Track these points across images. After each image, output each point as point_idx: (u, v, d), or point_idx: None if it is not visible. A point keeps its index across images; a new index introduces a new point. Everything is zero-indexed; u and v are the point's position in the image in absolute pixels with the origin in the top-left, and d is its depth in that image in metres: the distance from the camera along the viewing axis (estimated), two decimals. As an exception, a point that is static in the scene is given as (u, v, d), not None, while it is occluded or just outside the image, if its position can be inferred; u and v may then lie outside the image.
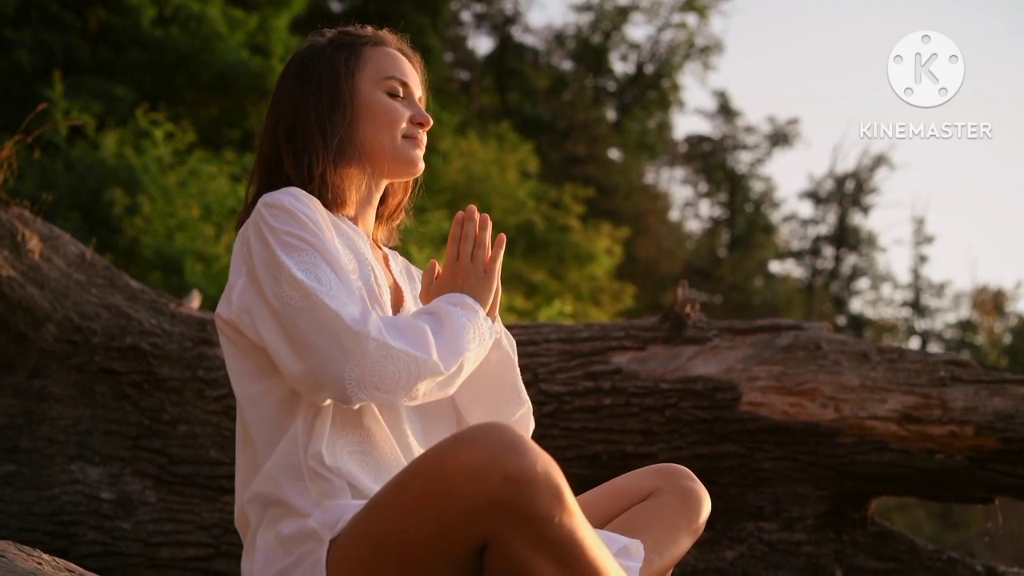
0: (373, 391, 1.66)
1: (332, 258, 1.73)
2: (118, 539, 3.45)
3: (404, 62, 1.97)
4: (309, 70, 1.92)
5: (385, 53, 1.96)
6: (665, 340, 3.60)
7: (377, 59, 1.94)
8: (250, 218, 1.79)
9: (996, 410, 3.31)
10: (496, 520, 1.48)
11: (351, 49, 1.93)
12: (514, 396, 1.96)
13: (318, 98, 1.89)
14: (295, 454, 1.72)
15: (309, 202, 1.79)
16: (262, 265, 1.72)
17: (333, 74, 1.90)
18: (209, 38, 11.05)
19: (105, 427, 3.56)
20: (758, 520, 3.47)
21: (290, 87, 1.93)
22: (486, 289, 1.85)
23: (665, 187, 25.46)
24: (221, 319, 1.80)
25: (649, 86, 23.07)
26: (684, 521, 1.88)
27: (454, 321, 1.76)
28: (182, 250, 8.87)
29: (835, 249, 24.62)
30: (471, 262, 1.85)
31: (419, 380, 1.69)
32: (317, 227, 1.75)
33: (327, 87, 1.89)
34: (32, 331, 3.55)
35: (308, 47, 1.96)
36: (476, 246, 1.86)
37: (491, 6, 21.49)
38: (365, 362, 1.64)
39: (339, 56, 1.92)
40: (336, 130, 1.88)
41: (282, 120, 1.90)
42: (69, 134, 9.44)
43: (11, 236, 3.52)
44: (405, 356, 1.67)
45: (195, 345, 3.63)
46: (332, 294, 1.68)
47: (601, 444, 3.51)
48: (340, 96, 1.89)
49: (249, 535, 1.79)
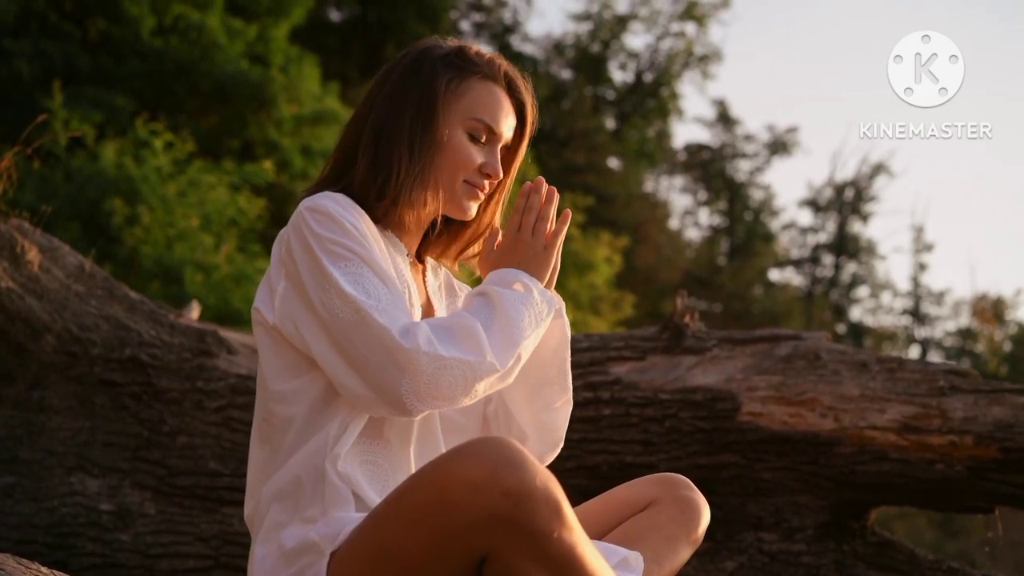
0: (432, 401, 1.66)
1: (379, 268, 1.72)
2: (117, 551, 3.45)
3: (501, 107, 1.90)
4: (416, 77, 1.86)
5: (487, 91, 1.89)
6: (664, 350, 3.60)
7: (476, 94, 1.88)
8: (291, 220, 1.77)
9: (996, 420, 3.30)
10: (495, 535, 1.48)
11: (459, 73, 1.87)
12: (559, 380, 1.93)
13: (415, 110, 1.84)
14: (321, 455, 1.72)
15: (354, 211, 1.77)
16: (308, 274, 1.71)
17: (433, 93, 1.84)
18: (209, 48, 11.06)
19: (104, 438, 3.55)
20: (758, 530, 3.47)
21: (393, 85, 1.87)
22: (544, 264, 1.84)
23: (664, 196, 25.49)
24: (260, 314, 1.79)
25: (648, 95, 23.10)
26: (683, 531, 1.88)
27: (508, 308, 1.74)
28: (182, 260, 8.86)
29: (835, 257, 24.63)
30: (532, 235, 1.83)
31: (476, 382, 1.68)
32: (362, 236, 1.74)
33: (425, 103, 1.84)
34: (31, 342, 3.55)
35: (424, 50, 1.90)
36: (539, 219, 1.84)
37: (490, 15, 21.54)
38: (419, 376, 1.64)
39: (444, 76, 1.86)
40: (422, 152, 1.83)
41: (374, 116, 1.86)
42: (69, 144, 9.44)
43: (10, 247, 3.52)
44: (459, 363, 1.66)
45: (194, 356, 3.63)
46: (381, 308, 1.67)
47: (601, 455, 3.51)
48: (433, 118, 1.84)
49: (258, 533, 1.78)
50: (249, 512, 1.82)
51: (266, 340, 1.79)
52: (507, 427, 1.95)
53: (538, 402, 1.93)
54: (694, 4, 22.75)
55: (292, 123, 11.43)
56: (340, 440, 1.72)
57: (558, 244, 1.86)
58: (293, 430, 1.75)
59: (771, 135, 24.63)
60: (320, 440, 1.73)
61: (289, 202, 10.84)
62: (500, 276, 1.80)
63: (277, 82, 11.19)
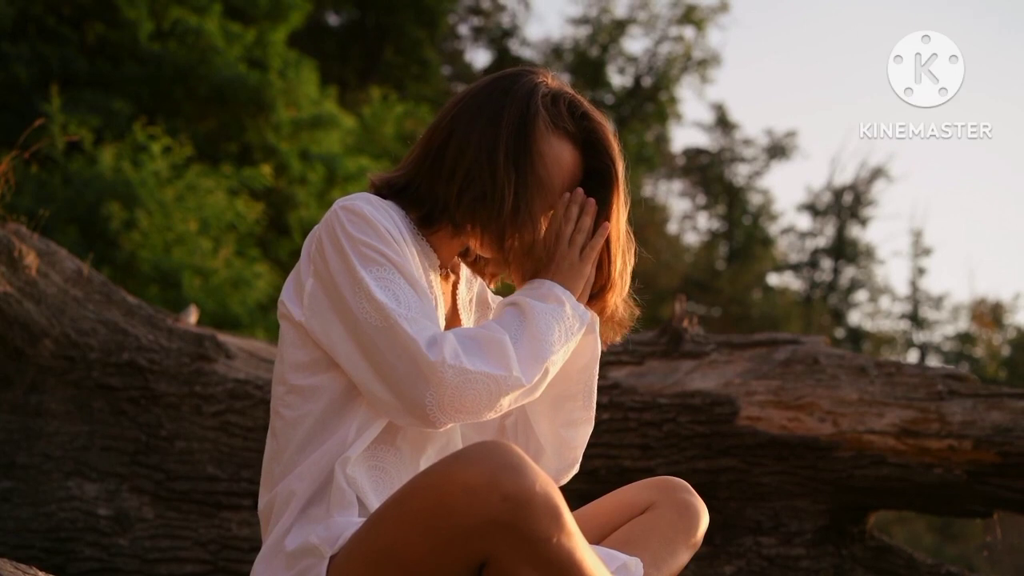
0: (455, 414, 1.65)
1: (410, 275, 1.71)
2: (115, 555, 3.44)
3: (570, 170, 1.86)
4: (529, 114, 1.81)
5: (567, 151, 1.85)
6: (663, 355, 3.60)
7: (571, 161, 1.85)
8: (325, 218, 1.75)
9: (994, 424, 3.30)
10: (495, 540, 1.48)
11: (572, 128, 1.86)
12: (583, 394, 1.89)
13: (494, 143, 1.78)
14: (335, 456, 1.71)
15: (388, 215, 1.75)
16: (339, 275, 1.69)
17: (538, 140, 1.80)
18: (207, 52, 11.05)
19: (102, 443, 3.55)
20: (757, 535, 3.47)
21: (499, 112, 1.81)
22: (579, 276, 1.80)
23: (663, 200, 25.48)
24: (286, 308, 1.77)
25: (647, 99, 23.10)
26: (682, 535, 1.88)
27: (539, 321, 1.72)
28: (180, 264, 8.86)
29: (833, 261, 24.63)
30: (568, 246, 1.80)
31: (501, 397, 1.66)
32: (396, 241, 1.72)
33: (529, 147, 1.79)
34: (29, 347, 3.54)
35: (537, 88, 1.86)
36: (576, 231, 1.81)
37: (489, 19, 21.54)
38: (444, 389, 1.62)
39: (556, 127, 1.83)
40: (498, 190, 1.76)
41: (473, 137, 1.79)
42: (66, 148, 9.44)
43: (8, 252, 3.52)
44: (484, 378, 1.64)
45: (192, 361, 3.63)
46: (411, 317, 1.65)
47: (599, 459, 3.50)
48: (529, 159, 1.79)
49: (268, 531, 1.78)
50: (263, 508, 1.82)
51: (290, 334, 1.78)
52: (525, 440, 1.93)
53: (560, 416, 1.90)
54: (693, 8, 22.76)
55: (290, 127, 11.43)
56: (355, 444, 1.71)
57: (594, 256, 1.81)
58: (307, 428, 1.74)
59: (770, 139, 24.64)
60: (336, 442, 1.72)
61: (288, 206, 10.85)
62: (534, 287, 1.78)
63: (275, 86, 11.19)
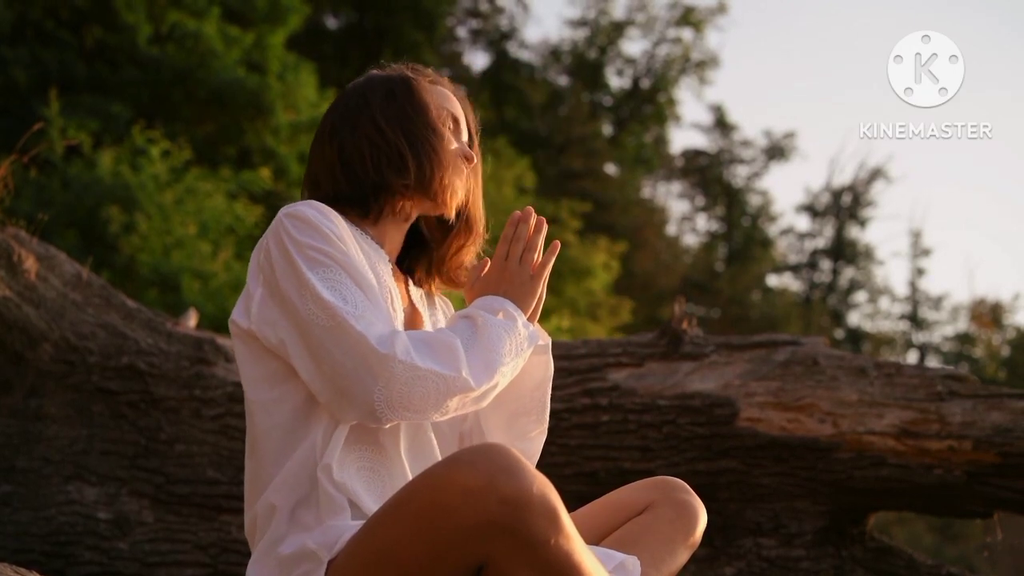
0: (403, 411, 1.66)
1: (358, 274, 1.72)
2: (115, 559, 3.44)
3: (457, 101, 1.98)
4: (393, 93, 1.91)
5: (439, 92, 1.96)
6: (662, 356, 3.60)
7: (435, 95, 1.94)
8: (270, 228, 1.77)
9: (994, 424, 3.30)
10: (492, 542, 1.48)
11: (414, 82, 1.93)
12: (536, 411, 1.94)
13: (403, 119, 1.88)
14: (310, 464, 1.71)
15: (333, 217, 1.77)
16: (286, 280, 1.70)
17: (421, 102, 1.90)
18: (205, 55, 11.06)
19: (102, 447, 3.55)
20: (757, 536, 3.47)
21: (355, 106, 1.91)
22: (529, 294, 1.83)
23: (662, 201, 25.51)
24: (237, 325, 1.78)
25: (645, 101, 23.13)
26: (680, 535, 1.88)
27: (491, 332, 1.74)
28: (179, 268, 8.86)
29: (832, 262, 24.67)
30: (519, 264, 1.83)
31: (448, 398, 1.68)
32: (342, 242, 1.74)
33: (413, 110, 1.89)
34: (28, 351, 3.54)
35: (371, 77, 1.96)
36: (527, 249, 1.84)
37: (487, 22, 21.55)
38: (393, 384, 1.63)
39: (401, 87, 1.92)
40: (416, 153, 1.86)
41: (349, 131, 1.89)
42: (65, 152, 9.44)
43: (7, 256, 3.52)
44: (433, 376, 1.65)
45: (192, 364, 3.63)
46: (358, 314, 1.67)
47: (599, 461, 3.50)
48: (425, 118, 1.89)
49: (256, 547, 1.78)
50: (247, 526, 1.82)
51: (244, 351, 1.79)
52: None
53: (514, 430, 1.93)
54: (691, 10, 22.80)
55: (289, 130, 11.44)
56: (327, 449, 1.71)
57: (545, 275, 1.86)
58: (276, 440, 1.75)
59: (768, 140, 24.68)
60: (306, 449, 1.72)
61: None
62: (486, 302, 1.81)
63: (274, 89, 11.20)
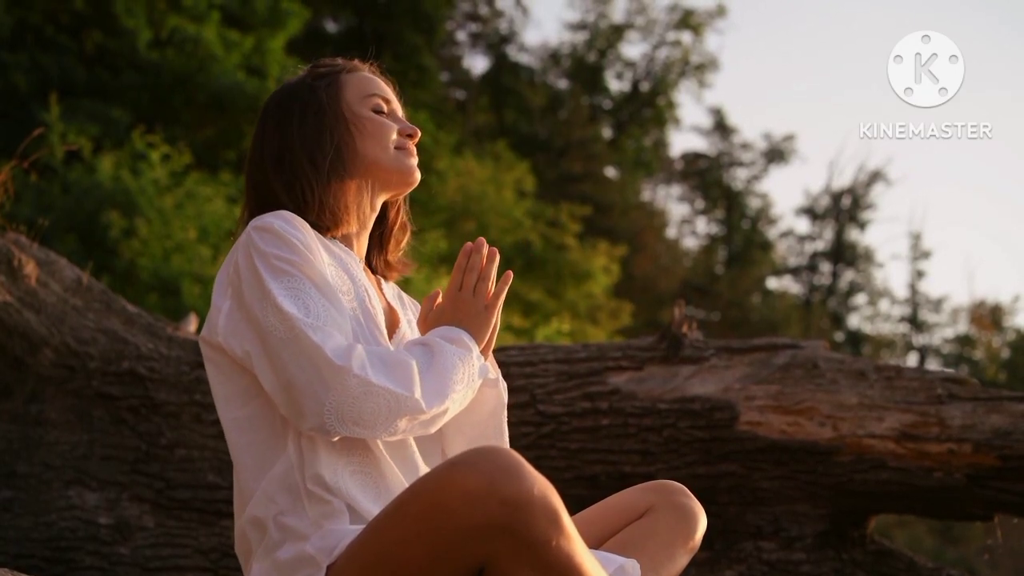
0: (352, 426, 1.65)
1: (322, 283, 1.72)
2: (116, 564, 3.44)
3: (381, 82, 1.99)
4: (290, 102, 1.92)
5: (361, 76, 1.98)
6: (662, 360, 3.60)
7: (356, 81, 1.96)
8: (239, 240, 1.77)
9: (994, 427, 3.31)
10: (494, 544, 1.48)
11: (329, 77, 1.95)
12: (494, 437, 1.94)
13: (303, 126, 1.89)
14: (291, 475, 1.71)
15: (300, 226, 1.77)
16: (250, 290, 1.71)
17: (315, 101, 1.91)
18: (205, 60, 11.08)
19: (102, 452, 3.55)
20: (757, 539, 3.47)
21: (273, 121, 1.92)
22: (484, 325, 1.83)
23: (662, 204, 25.53)
24: (206, 342, 1.79)
25: (645, 104, 23.14)
26: (680, 538, 1.88)
27: (445, 359, 1.74)
28: (179, 272, 8.86)
29: (832, 265, 24.67)
30: (473, 295, 1.83)
31: (398, 417, 1.67)
32: (308, 251, 1.74)
33: (311, 114, 1.90)
34: (29, 356, 3.54)
35: (284, 85, 1.97)
36: (480, 279, 1.84)
37: (486, 25, 21.57)
38: (345, 397, 1.63)
39: (319, 84, 1.93)
40: (325, 153, 1.87)
41: (268, 153, 1.90)
42: (65, 157, 9.45)
43: (7, 261, 3.52)
44: (386, 393, 1.65)
45: (192, 369, 3.63)
46: (317, 325, 1.66)
47: (599, 465, 3.50)
48: (325, 119, 1.89)
49: (248, 560, 1.78)
50: (236, 540, 1.81)
51: (214, 370, 1.79)
52: None
53: None
54: (690, 13, 22.83)
55: (289, 134, 11.43)
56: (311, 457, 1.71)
57: (498, 305, 1.85)
58: (255, 456, 1.74)
59: (768, 143, 24.69)
60: (286, 461, 1.72)
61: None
62: (442, 331, 1.80)
63: (274, 93, 11.20)
